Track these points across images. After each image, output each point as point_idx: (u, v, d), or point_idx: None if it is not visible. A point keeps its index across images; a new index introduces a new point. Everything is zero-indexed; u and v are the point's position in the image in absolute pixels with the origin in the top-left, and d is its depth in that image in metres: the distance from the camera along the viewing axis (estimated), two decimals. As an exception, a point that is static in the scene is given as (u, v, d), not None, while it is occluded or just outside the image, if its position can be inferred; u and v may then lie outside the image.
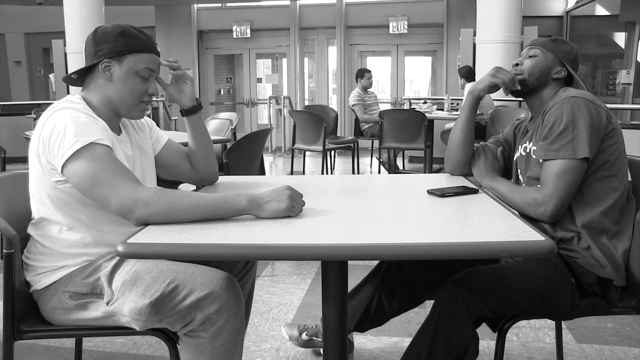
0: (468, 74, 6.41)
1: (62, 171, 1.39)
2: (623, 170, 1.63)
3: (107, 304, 1.45)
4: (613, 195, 1.59)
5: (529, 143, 1.74)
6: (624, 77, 7.54)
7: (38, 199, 1.49)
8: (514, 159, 1.86)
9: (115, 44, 1.50)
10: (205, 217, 1.33)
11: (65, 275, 1.50)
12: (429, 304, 1.96)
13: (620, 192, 1.60)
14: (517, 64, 1.79)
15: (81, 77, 1.57)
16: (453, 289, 1.53)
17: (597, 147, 1.57)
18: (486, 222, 1.31)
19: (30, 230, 1.54)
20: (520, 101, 5.57)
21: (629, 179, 1.67)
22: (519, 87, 1.76)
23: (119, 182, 1.35)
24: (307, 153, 6.30)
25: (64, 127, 1.38)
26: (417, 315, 2.50)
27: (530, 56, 1.77)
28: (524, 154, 1.77)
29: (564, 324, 2.36)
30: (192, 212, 1.32)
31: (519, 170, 1.82)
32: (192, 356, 1.42)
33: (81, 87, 1.59)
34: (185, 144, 1.83)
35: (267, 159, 8.56)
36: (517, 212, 1.48)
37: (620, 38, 8.50)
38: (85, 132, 1.39)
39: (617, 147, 1.61)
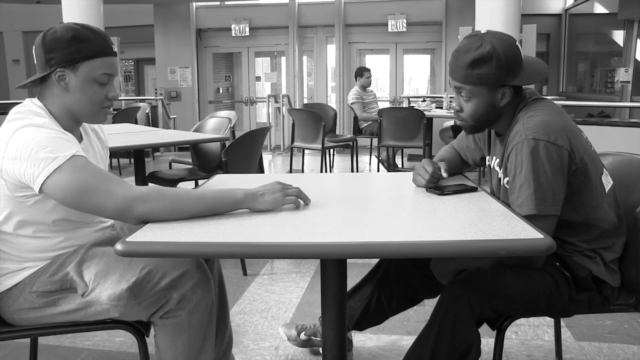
0: None
1: (41, 189, 1.33)
2: (598, 200, 1.54)
3: (83, 295, 1.45)
4: (598, 228, 1.55)
5: (500, 168, 1.64)
6: (623, 75, 7.52)
7: None
8: (487, 164, 1.76)
9: (67, 51, 1.41)
10: (204, 211, 1.33)
11: (29, 275, 1.48)
12: (427, 303, 1.96)
13: (606, 221, 1.55)
14: (457, 111, 1.60)
15: (36, 83, 1.49)
16: (458, 290, 1.52)
17: (564, 193, 1.47)
18: (485, 221, 1.31)
19: None
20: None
21: (612, 187, 1.60)
22: (446, 176, 1.66)
23: (110, 185, 1.33)
24: (306, 151, 6.30)
25: (36, 145, 1.32)
26: (416, 314, 2.50)
27: (464, 98, 1.56)
28: (497, 170, 1.67)
29: (562, 322, 2.36)
30: (190, 206, 1.32)
31: (492, 178, 1.74)
32: (171, 337, 1.44)
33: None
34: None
35: (266, 157, 8.55)
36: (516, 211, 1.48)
37: (618, 36, 8.49)
38: (61, 147, 1.34)
39: (586, 184, 1.51)
